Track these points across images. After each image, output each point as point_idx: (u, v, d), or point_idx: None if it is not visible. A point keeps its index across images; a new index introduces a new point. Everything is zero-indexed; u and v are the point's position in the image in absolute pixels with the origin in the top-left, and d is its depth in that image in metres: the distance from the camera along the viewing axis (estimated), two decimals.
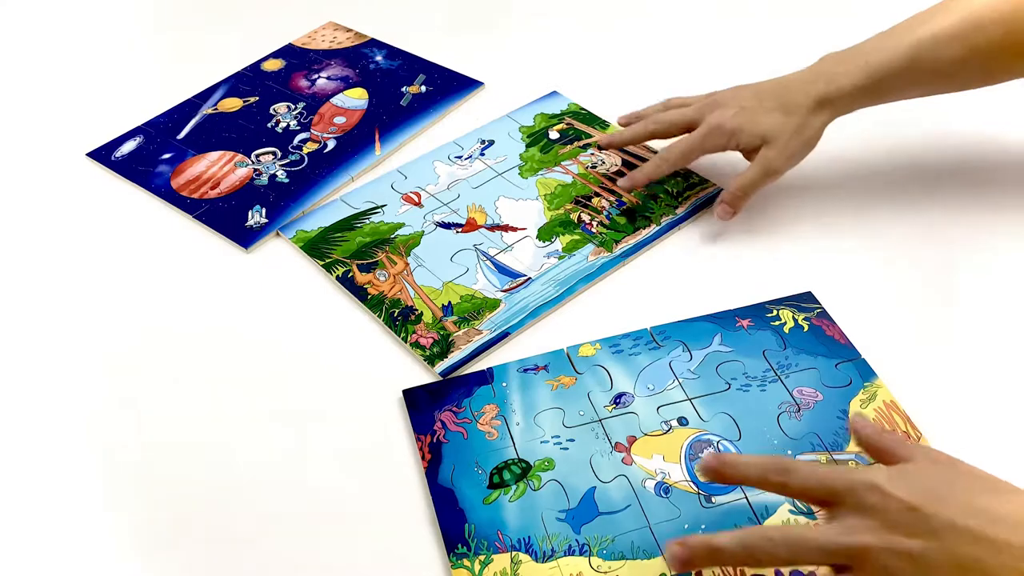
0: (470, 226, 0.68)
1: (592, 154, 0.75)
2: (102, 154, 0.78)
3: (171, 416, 0.57)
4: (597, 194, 0.71)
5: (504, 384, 0.57)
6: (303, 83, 0.86)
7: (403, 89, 0.85)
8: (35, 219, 0.73)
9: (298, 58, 0.90)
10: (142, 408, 0.58)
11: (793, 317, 0.59)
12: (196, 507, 0.53)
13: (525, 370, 0.57)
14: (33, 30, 0.96)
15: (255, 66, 0.89)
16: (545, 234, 0.67)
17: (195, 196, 0.73)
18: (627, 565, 0.48)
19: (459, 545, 0.49)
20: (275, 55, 0.90)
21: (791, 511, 0.49)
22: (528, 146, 0.76)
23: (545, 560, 0.48)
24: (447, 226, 0.68)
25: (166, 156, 0.78)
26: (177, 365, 0.61)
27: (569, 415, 0.55)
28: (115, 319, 0.64)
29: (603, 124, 0.77)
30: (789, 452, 0.52)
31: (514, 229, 0.68)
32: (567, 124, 0.78)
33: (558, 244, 0.66)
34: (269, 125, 0.81)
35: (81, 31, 0.96)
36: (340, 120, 0.81)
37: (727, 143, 0.65)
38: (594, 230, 0.67)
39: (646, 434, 0.54)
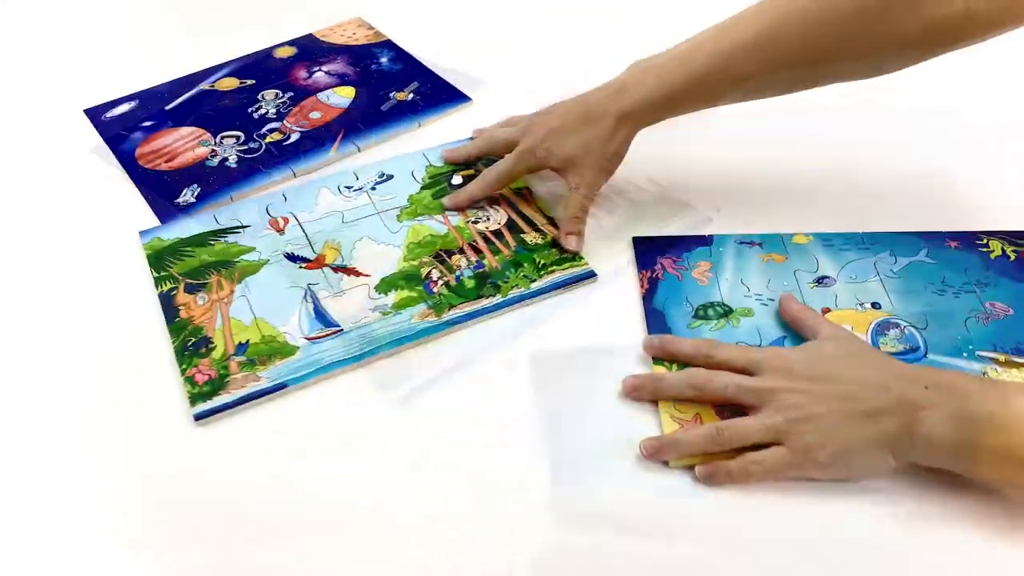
0: (317, 263, 0.66)
1: (482, 207, 0.70)
2: (95, 113, 0.82)
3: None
4: (462, 250, 0.66)
5: (721, 249, 0.65)
6: (301, 74, 0.87)
7: (391, 94, 0.84)
8: (18, 166, 0.77)
9: (311, 49, 0.91)
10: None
11: (1002, 248, 0.64)
12: (205, 507, 0.52)
13: (742, 243, 0.66)
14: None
15: (268, 51, 0.90)
16: (385, 286, 0.63)
17: (149, 166, 0.75)
18: None
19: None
20: (291, 43, 0.91)
21: None
22: (423, 188, 0.72)
23: None
24: (294, 259, 0.66)
25: (148, 124, 0.80)
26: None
27: (774, 283, 0.63)
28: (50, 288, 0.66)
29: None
30: (971, 347, 0.58)
31: (358, 274, 0.65)
32: (476, 171, 0.73)
33: (391, 298, 0.62)
34: (250, 110, 0.82)
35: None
36: (315, 115, 0.81)
37: (540, 164, 0.68)
38: (436, 289, 0.63)
39: (840, 309, 0.61)
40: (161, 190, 0.73)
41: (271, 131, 0.79)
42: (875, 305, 0.61)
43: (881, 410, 0.49)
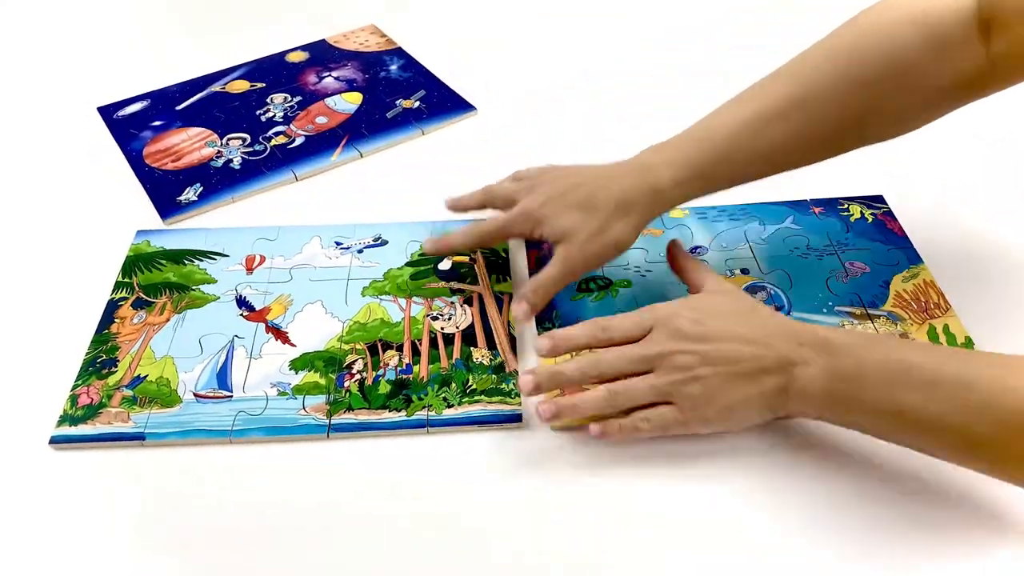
0: (259, 315, 0.63)
1: (452, 303, 0.63)
2: (108, 111, 0.86)
3: None
4: (400, 348, 0.60)
5: None
6: (311, 79, 0.88)
7: (397, 101, 0.84)
8: (31, 160, 0.81)
9: (322, 54, 0.92)
10: None
11: (861, 212, 0.70)
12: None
13: None
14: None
15: (281, 55, 0.92)
16: (300, 363, 0.60)
17: (155, 165, 0.78)
18: None
19: (547, 322, 0.62)
20: (304, 48, 0.93)
21: None
22: (407, 264, 0.67)
23: None
24: (242, 303, 0.64)
25: (157, 123, 0.83)
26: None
27: (651, 254, 0.67)
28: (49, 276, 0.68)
29: (505, 275, 0.66)
30: (830, 304, 0.63)
31: (286, 341, 0.61)
32: (471, 261, 0.67)
33: (298, 379, 0.58)
34: (258, 112, 0.84)
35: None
36: (321, 120, 0.82)
37: (532, 230, 0.62)
38: (347, 384, 0.58)
39: None
40: (165, 188, 0.75)
41: (277, 134, 0.80)
42: (744, 271, 0.65)
43: (761, 369, 0.51)
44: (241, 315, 0.63)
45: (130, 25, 1.03)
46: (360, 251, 0.68)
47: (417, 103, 0.84)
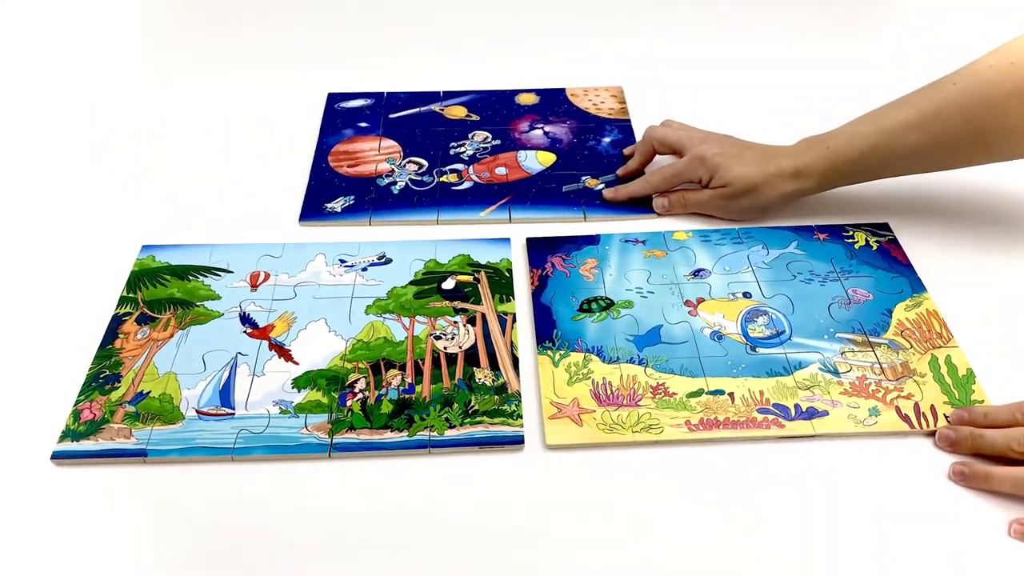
0: (262, 332, 0.63)
1: (455, 322, 0.64)
2: (335, 99, 0.88)
3: None
4: (403, 367, 0.60)
5: (607, 247, 0.70)
6: (522, 126, 0.85)
7: (582, 177, 0.78)
8: (37, 168, 0.81)
9: (550, 104, 0.88)
10: None
11: (866, 239, 0.70)
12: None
13: (627, 240, 0.70)
14: None
15: (513, 93, 0.90)
16: (303, 382, 0.60)
17: (331, 165, 0.80)
18: (673, 378, 0.59)
19: (547, 341, 0.62)
20: (539, 91, 0.90)
21: (820, 369, 0.60)
22: (411, 283, 0.67)
23: (610, 363, 0.60)
24: (246, 320, 0.64)
25: (363, 124, 0.85)
26: None
27: (654, 276, 0.68)
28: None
29: (509, 294, 0.66)
30: (831, 330, 0.63)
31: (288, 358, 0.61)
32: (475, 279, 0.67)
33: (300, 397, 0.58)
34: (452, 144, 0.82)
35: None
36: (500, 171, 0.79)
37: (704, 176, 0.71)
38: (349, 403, 0.58)
39: (714, 298, 0.65)
40: (321, 191, 0.76)
41: (452, 171, 0.79)
42: (746, 294, 0.66)
43: None
44: (245, 332, 0.63)
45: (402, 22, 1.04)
46: (364, 269, 0.69)
47: (602, 185, 0.77)
